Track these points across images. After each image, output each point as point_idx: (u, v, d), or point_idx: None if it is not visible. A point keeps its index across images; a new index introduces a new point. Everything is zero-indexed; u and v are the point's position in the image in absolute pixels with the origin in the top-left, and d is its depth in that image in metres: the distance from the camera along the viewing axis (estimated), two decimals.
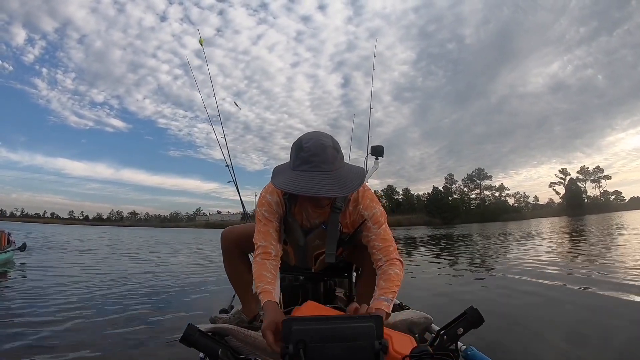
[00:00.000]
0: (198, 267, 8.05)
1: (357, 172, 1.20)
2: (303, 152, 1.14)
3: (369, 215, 1.32)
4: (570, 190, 70.96)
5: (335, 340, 0.84)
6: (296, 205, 1.36)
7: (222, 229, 1.70)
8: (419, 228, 42.16)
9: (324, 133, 1.21)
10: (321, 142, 1.14)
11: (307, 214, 1.37)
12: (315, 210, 1.33)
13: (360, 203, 1.33)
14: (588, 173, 74.01)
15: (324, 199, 1.24)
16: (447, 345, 1.02)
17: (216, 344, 1.04)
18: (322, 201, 1.25)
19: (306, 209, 1.35)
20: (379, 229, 1.31)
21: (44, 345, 2.63)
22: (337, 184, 1.11)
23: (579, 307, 3.54)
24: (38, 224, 64.22)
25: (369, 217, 1.31)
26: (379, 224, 1.31)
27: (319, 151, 1.13)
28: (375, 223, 1.31)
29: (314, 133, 1.20)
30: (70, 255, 10.73)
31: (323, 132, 1.23)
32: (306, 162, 1.12)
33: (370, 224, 1.31)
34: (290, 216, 1.36)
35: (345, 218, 1.35)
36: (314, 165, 1.12)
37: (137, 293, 4.75)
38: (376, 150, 2.48)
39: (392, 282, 1.21)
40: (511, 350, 2.35)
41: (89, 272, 6.91)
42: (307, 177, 1.11)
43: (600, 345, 2.49)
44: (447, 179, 76.20)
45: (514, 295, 4.22)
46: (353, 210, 1.34)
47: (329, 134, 1.22)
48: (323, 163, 1.12)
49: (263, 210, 1.32)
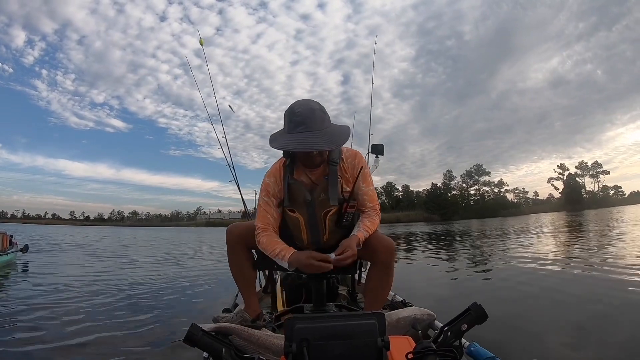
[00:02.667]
0: (201, 266, 8.05)
1: (344, 129, 1.43)
2: (295, 116, 1.35)
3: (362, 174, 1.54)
4: (568, 186, 71.03)
5: (338, 338, 0.85)
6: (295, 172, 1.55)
7: (223, 228, 1.72)
8: (417, 224, 42.12)
9: (312, 99, 1.44)
10: (310, 107, 1.38)
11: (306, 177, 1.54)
12: (312, 173, 1.52)
13: (355, 158, 1.57)
14: (586, 168, 74.06)
15: (317, 158, 1.44)
16: (451, 341, 1.02)
17: (219, 343, 1.04)
18: (315, 160, 1.45)
19: (304, 174, 1.53)
20: (367, 187, 1.58)
21: (45, 346, 2.62)
22: (328, 139, 1.34)
23: (582, 300, 3.54)
24: (39, 225, 64.14)
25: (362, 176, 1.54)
26: (367, 184, 1.58)
27: (309, 114, 1.35)
28: (364, 181, 1.57)
29: (303, 100, 1.43)
30: (72, 256, 10.72)
31: (310, 98, 1.45)
32: (299, 124, 1.34)
33: (362, 184, 1.56)
34: (293, 179, 1.53)
35: (342, 171, 1.54)
36: (306, 126, 1.33)
37: (139, 293, 4.74)
38: (376, 148, 2.48)
39: (373, 224, 1.54)
40: (514, 346, 2.35)
41: (91, 272, 6.91)
42: (303, 136, 1.33)
43: (603, 339, 2.48)
44: (446, 176, 76.34)
45: (515, 290, 4.23)
46: (349, 165, 1.55)
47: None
48: (314, 124, 1.34)
49: (262, 195, 1.56)
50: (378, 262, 1.53)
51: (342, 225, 1.57)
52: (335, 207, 1.53)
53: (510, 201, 74.66)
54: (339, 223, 1.55)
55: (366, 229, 1.51)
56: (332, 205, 1.51)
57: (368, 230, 1.51)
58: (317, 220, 1.55)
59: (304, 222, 1.56)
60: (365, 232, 1.50)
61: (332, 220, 1.55)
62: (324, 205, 1.52)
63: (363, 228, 1.51)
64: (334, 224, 1.57)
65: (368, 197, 1.58)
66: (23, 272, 7.22)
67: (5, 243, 8.18)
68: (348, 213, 1.54)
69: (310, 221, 1.55)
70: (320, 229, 1.57)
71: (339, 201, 1.52)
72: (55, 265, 8.10)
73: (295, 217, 1.56)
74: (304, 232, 1.58)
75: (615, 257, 6.18)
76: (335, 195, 1.50)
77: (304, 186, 1.52)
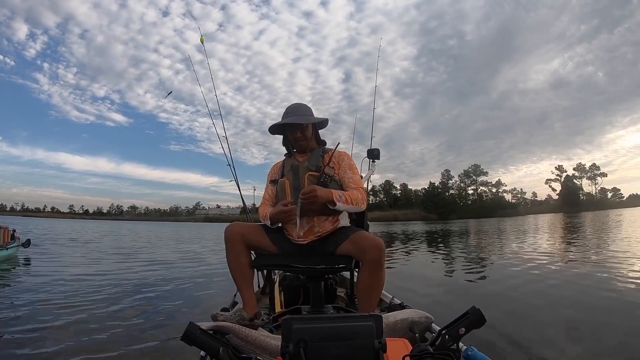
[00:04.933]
0: (198, 265, 8.04)
1: (321, 118, 1.93)
2: (286, 109, 1.88)
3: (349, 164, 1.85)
4: (566, 188, 71.10)
5: (335, 339, 0.85)
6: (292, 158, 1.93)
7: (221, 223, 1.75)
8: (415, 223, 42.12)
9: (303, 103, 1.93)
10: (298, 104, 1.92)
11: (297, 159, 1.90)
12: (302, 156, 1.89)
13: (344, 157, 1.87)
14: (584, 170, 74.10)
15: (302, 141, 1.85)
16: (448, 345, 1.02)
17: (217, 342, 1.04)
18: (301, 143, 1.85)
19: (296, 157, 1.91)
20: (353, 174, 1.84)
21: (43, 344, 2.60)
22: (302, 118, 1.83)
23: (579, 303, 3.55)
24: (38, 219, 63.92)
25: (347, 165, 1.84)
26: (354, 172, 1.85)
27: (296, 107, 1.89)
28: (351, 170, 1.85)
29: (295, 102, 1.94)
30: (73, 251, 10.68)
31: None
32: (287, 114, 1.86)
33: (347, 170, 1.84)
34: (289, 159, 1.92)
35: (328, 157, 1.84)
36: (292, 114, 1.84)
37: (138, 290, 4.73)
38: (372, 153, 2.49)
39: (351, 194, 1.72)
40: (512, 350, 2.34)
41: (91, 268, 6.89)
42: (290, 119, 1.82)
43: (600, 343, 2.49)
44: (444, 175, 76.36)
45: (513, 292, 4.22)
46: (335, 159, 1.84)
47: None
48: (297, 111, 1.86)
49: (267, 179, 1.97)
50: (368, 261, 1.55)
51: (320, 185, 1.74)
52: (315, 172, 1.78)
53: (507, 201, 74.81)
54: (317, 183, 1.73)
55: (344, 194, 1.70)
56: (311, 170, 1.79)
57: (346, 196, 1.69)
58: (299, 183, 1.78)
59: (289, 185, 1.81)
60: (341, 194, 1.68)
61: (311, 181, 1.76)
62: (306, 170, 1.80)
63: (340, 192, 1.71)
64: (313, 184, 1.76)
65: (353, 181, 1.81)
66: (24, 267, 7.12)
67: (6, 237, 8.04)
68: (325, 174, 1.75)
69: (294, 183, 1.80)
70: (302, 185, 1.77)
71: (317, 168, 1.79)
72: (56, 261, 8.02)
73: (283, 180, 1.84)
74: (288, 194, 1.80)
75: (608, 258, 6.21)
76: (316, 163, 1.81)
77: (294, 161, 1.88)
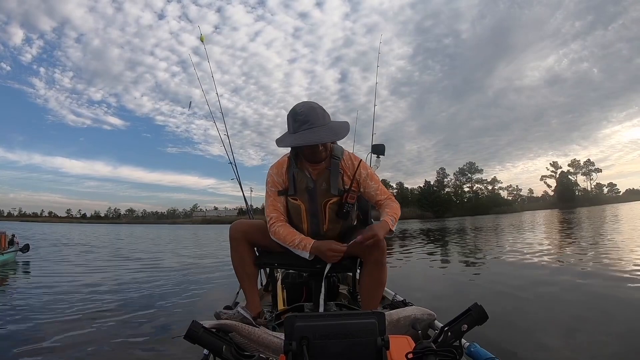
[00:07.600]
0: (202, 264, 8.02)
1: (344, 124, 1.53)
2: (299, 116, 1.45)
3: (367, 174, 1.63)
4: (561, 184, 71.47)
5: (338, 336, 0.84)
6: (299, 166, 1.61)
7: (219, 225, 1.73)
8: (411, 222, 42.28)
9: (310, 100, 1.54)
10: (310, 106, 1.49)
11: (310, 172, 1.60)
12: (314, 168, 1.59)
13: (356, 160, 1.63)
14: (579, 166, 74.50)
15: (322, 152, 1.53)
16: (451, 341, 1.02)
17: (220, 340, 1.04)
18: (321, 154, 1.53)
19: (307, 169, 1.59)
20: (376, 184, 1.65)
21: (46, 343, 2.60)
22: (331, 132, 1.46)
23: (580, 298, 3.57)
24: (36, 223, 63.50)
25: (368, 176, 1.62)
26: (376, 182, 1.65)
27: (311, 112, 1.45)
28: (372, 180, 1.64)
29: (303, 102, 1.53)
30: (71, 254, 10.64)
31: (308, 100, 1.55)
32: (303, 122, 1.44)
33: (369, 181, 1.63)
34: (297, 169, 1.60)
35: (343, 166, 1.61)
36: (310, 123, 1.44)
37: (141, 290, 4.73)
38: (377, 149, 2.46)
39: (394, 209, 1.59)
40: (514, 346, 2.35)
41: (91, 270, 6.87)
42: (308, 133, 1.43)
43: (600, 338, 2.50)
44: (439, 173, 76.45)
45: (513, 288, 4.23)
46: (349, 164, 1.62)
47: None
48: (316, 120, 1.45)
49: (269, 187, 1.63)
50: (370, 259, 1.54)
51: (342, 216, 1.61)
52: (336, 197, 1.58)
53: (503, 198, 75.08)
54: (339, 213, 1.60)
55: (391, 214, 1.56)
56: (332, 194, 1.58)
57: (393, 215, 1.57)
58: (317, 209, 1.60)
59: (305, 210, 1.60)
60: (391, 217, 1.55)
61: (332, 210, 1.60)
62: (325, 194, 1.59)
63: (388, 213, 1.57)
64: (334, 214, 1.61)
65: (380, 191, 1.65)
66: (22, 272, 7.08)
67: (4, 243, 8.04)
68: (348, 203, 1.58)
69: (311, 209, 1.60)
70: (320, 218, 1.61)
71: (339, 191, 1.58)
72: (55, 264, 8.01)
73: (297, 204, 1.60)
74: (304, 220, 1.61)
75: (600, 255, 6.25)
76: (336, 185, 1.58)
77: (306, 175, 1.59)
